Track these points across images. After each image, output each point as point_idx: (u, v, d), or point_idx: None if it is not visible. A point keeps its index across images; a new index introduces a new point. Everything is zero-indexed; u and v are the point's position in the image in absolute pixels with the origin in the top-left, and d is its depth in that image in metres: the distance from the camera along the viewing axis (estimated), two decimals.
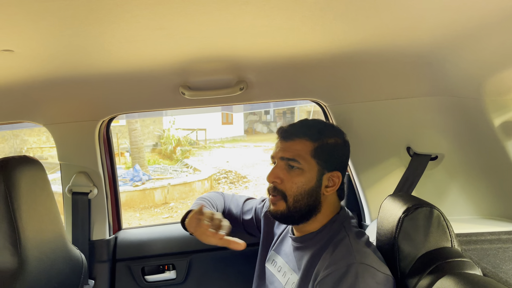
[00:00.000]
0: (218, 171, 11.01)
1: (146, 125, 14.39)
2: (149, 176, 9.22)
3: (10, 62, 1.06)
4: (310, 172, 1.11)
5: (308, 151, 1.11)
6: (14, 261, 1.05)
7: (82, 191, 1.54)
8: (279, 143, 1.16)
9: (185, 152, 13.08)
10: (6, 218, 1.04)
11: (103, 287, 1.58)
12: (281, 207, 1.12)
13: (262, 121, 22.23)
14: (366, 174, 1.50)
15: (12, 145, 11.22)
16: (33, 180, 1.17)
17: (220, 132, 17.74)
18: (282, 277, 1.17)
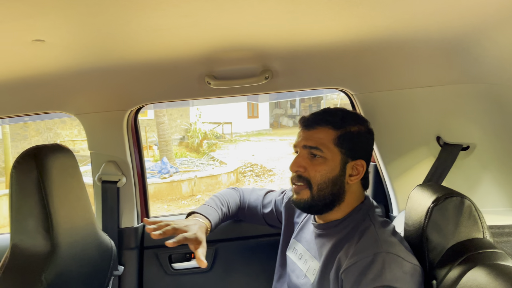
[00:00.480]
0: (244, 164, 11.07)
1: (173, 118, 14.60)
2: (176, 168, 9.37)
3: (42, 52, 1.09)
4: (334, 160, 1.10)
5: (330, 140, 1.10)
6: (46, 245, 1.08)
7: (111, 179, 1.58)
8: (301, 132, 1.16)
9: (211, 146, 13.20)
10: (39, 204, 1.08)
11: (132, 273, 1.62)
12: (305, 196, 1.11)
13: (287, 114, 22.15)
14: (394, 165, 1.47)
15: (46, 138, 11.62)
16: (65, 168, 1.20)
17: (246, 125, 17.80)
18: (303, 264, 1.18)
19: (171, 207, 7.69)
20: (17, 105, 1.50)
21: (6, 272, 1.03)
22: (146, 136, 12.32)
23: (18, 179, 1.08)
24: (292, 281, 1.21)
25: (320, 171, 1.09)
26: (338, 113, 1.14)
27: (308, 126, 1.14)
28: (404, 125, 1.45)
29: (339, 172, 1.10)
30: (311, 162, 1.11)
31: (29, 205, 1.08)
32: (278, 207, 1.45)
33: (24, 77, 1.31)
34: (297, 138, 1.17)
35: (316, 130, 1.12)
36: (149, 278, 1.66)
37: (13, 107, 1.50)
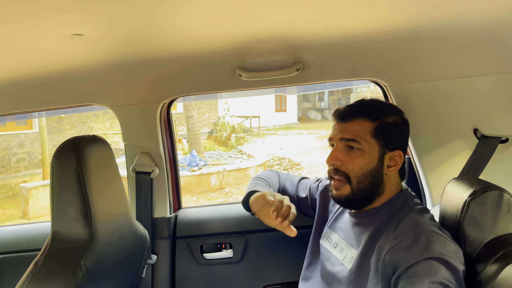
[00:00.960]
0: (272, 158, 11.07)
1: (202, 112, 14.75)
2: (205, 161, 9.47)
3: (80, 46, 1.12)
4: (371, 152, 1.09)
5: (367, 131, 1.10)
6: (85, 232, 1.12)
7: (144, 170, 1.62)
8: (336, 125, 1.15)
9: (239, 139, 13.27)
10: (78, 193, 1.12)
11: (164, 262, 1.66)
12: (345, 191, 1.11)
13: (316, 108, 21.95)
14: (429, 157, 1.44)
15: (80, 131, 11.98)
16: (101, 158, 1.24)
17: (274, 119, 17.77)
18: (339, 253, 1.17)
19: (200, 200, 7.80)
20: (56, 98, 1.56)
21: (48, 256, 1.08)
22: (175, 129, 12.49)
23: (59, 169, 1.13)
24: (327, 268, 1.20)
25: (358, 164, 1.09)
26: (373, 104, 1.13)
27: (344, 118, 1.13)
28: (439, 117, 1.41)
29: (377, 163, 1.10)
30: (348, 155, 1.10)
31: (69, 194, 1.12)
32: (313, 194, 1.45)
33: (63, 71, 1.36)
34: (332, 131, 1.16)
35: (353, 122, 1.11)
36: (181, 267, 1.69)
37: (52, 100, 1.56)
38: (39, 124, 10.16)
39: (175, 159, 1.73)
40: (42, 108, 1.59)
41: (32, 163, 11.03)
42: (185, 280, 1.69)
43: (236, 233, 1.68)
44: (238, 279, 1.68)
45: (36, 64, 1.27)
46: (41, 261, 1.07)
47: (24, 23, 0.90)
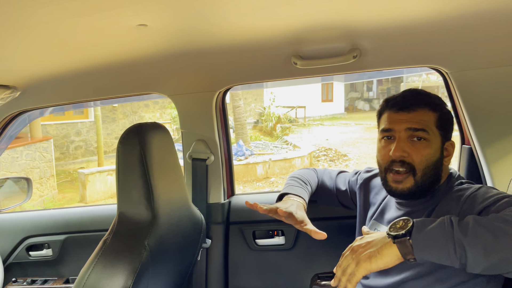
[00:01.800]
0: (318, 149, 10.97)
1: (247, 102, 14.86)
2: (251, 151, 9.57)
3: (144, 36, 1.17)
4: (436, 143, 1.08)
5: (433, 122, 1.09)
6: (148, 214, 1.18)
7: (200, 157, 1.67)
8: (397, 115, 1.11)
9: (284, 129, 13.26)
10: (142, 176, 1.18)
11: (218, 246, 1.71)
12: (408, 184, 1.08)
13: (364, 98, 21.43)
14: (493, 148, 1.37)
15: (132, 121, 12.48)
16: (162, 144, 1.29)
17: (320, 109, 17.57)
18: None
19: (246, 189, 7.90)
20: (118, 86, 1.63)
21: (115, 235, 1.15)
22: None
23: (124, 154, 1.19)
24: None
25: (425, 155, 1.07)
26: (432, 95, 1.13)
27: (407, 107, 1.10)
28: (504, 105, 1.34)
29: (439, 154, 1.09)
30: (414, 146, 1.07)
31: (133, 178, 1.18)
32: (353, 187, 1.44)
33: (126, 60, 1.42)
34: (390, 121, 1.12)
35: (418, 112, 1.08)
36: (234, 252, 1.74)
37: (115, 88, 1.64)
38: (95, 113, 10.69)
39: (229, 147, 1.77)
40: (105, 96, 1.68)
41: (88, 151, 11.65)
42: (238, 264, 1.74)
43: None
44: (290, 266, 1.70)
45: (101, 54, 1.34)
46: (109, 239, 1.14)
47: (96, 14, 0.95)
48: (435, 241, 0.86)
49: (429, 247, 0.87)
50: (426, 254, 0.87)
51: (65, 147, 11.27)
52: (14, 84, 1.58)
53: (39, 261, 1.92)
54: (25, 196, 2.21)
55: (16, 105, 1.73)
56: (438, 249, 0.86)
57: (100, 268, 1.08)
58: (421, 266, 1.04)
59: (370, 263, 0.91)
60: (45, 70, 1.47)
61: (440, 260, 0.87)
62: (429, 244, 0.87)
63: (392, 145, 1.09)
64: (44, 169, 8.19)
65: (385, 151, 1.11)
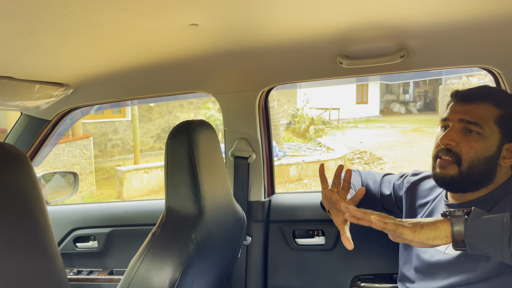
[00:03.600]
0: (352, 151, 10.82)
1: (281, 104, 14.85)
2: (284, 152, 9.56)
3: (194, 35, 1.20)
4: (491, 139, 1.05)
5: (492, 117, 1.05)
6: (195, 208, 1.21)
7: (242, 155, 1.69)
8: (456, 106, 1.10)
9: (318, 131, 13.17)
10: (190, 172, 1.21)
11: (258, 244, 1.73)
12: (451, 171, 1.07)
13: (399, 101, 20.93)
14: None
15: (167, 120, 12.74)
16: (208, 141, 1.32)
17: (354, 111, 17.31)
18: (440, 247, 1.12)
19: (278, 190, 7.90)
20: (165, 85, 1.68)
21: (163, 228, 1.18)
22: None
23: (173, 150, 1.22)
24: (425, 260, 1.16)
25: (476, 148, 1.04)
26: (502, 91, 1.11)
27: (467, 99, 1.09)
28: None
29: (495, 152, 1.06)
30: (465, 137, 1.06)
31: (182, 173, 1.21)
32: (397, 191, 1.40)
33: (174, 59, 1.46)
34: (449, 111, 1.12)
35: (477, 105, 1.07)
36: (274, 250, 1.75)
37: (162, 87, 1.69)
38: (132, 113, 11.00)
39: (271, 146, 1.78)
40: (152, 94, 1.73)
41: (125, 149, 11.99)
42: (277, 262, 1.75)
43: (329, 221, 1.68)
44: (330, 267, 1.69)
45: (152, 53, 1.39)
46: (158, 232, 1.18)
47: (153, 14, 0.99)
48: (490, 229, 0.84)
49: (482, 233, 0.85)
50: (477, 241, 0.85)
51: (103, 145, 11.65)
52: (67, 82, 1.66)
53: (85, 252, 2.00)
54: (72, 190, 2.31)
55: (68, 102, 1.81)
56: (491, 238, 0.84)
57: (149, 260, 1.12)
58: (472, 273, 1.01)
59: (420, 229, 0.88)
60: (97, 68, 1.53)
61: (490, 249, 0.84)
62: (483, 230, 0.85)
63: (443, 133, 1.09)
64: (84, 166, 8.50)
65: (438, 140, 1.11)
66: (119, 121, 11.97)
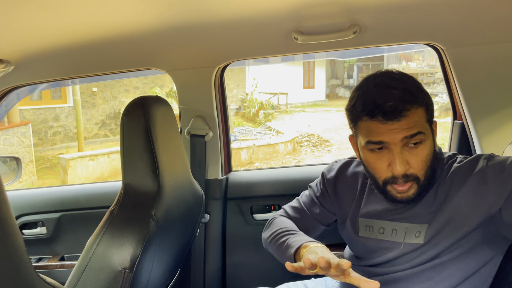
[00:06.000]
0: (301, 135, 11.07)
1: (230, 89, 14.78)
2: (235, 137, 9.59)
3: (146, 7, 1.16)
4: (430, 139, 0.99)
5: (424, 118, 0.97)
6: (154, 185, 1.19)
7: (199, 133, 1.68)
8: (384, 126, 0.94)
9: (267, 116, 13.31)
10: (148, 149, 1.18)
11: (216, 222, 1.74)
12: (412, 190, 0.99)
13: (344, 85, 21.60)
14: (484, 122, 1.43)
15: (112, 106, 12.27)
16: (165, 118, 1.30)
17: (301, 96, 17.64)
18: (394, 236, 1.07)
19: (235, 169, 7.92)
20: (116, 62, 1.62)
21: (122, 206, 1.16)
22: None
23: (129, 125, 1.19)
24: (382, 259, 1.09)
25: (425, 158, 0.97)
26: (414, 85, 0.98)
27: (398, 116, 0.92)
28: (497, 81, 1.39)
29: (433, 146, 1.01)
30: (411, 153, 0.96)
31: (139, 149, 1.18)
32: (324, 200, 1.25)
33: (125, 34, 1.40)
34: (378, 133, 0.95)
35: (409, 116, 0.93)
36: (232, 227, 1.77)
37: (112, 64, 1.62)
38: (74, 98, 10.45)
39: (227, 124, 1.78)
40: (102, 72, 1.66)
41: (67, 136, 11.43)
42: (235, 239, 1.77)
43: (286, 195, 1.73)
44: None
45: (101, 26, 1.32)
46: (116, 210, 1.15)
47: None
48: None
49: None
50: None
51: (43, 133, 11.02)
52: (7, 58, 1.54)
53: (33, 239, 1.90)
54: (14, 176, 2.17)
55: (9, 81, 1.69)
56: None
57: (108, 237, 1.09)
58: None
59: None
60: (41, 43, 1.44)
61: None
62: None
63: (387, 156, 0.97)
64: (23, 155, 8.01)
65: (381, 164, 0.98)
66: (60, 107, 11.35)
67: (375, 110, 0.94)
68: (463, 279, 1.01)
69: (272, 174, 1.81)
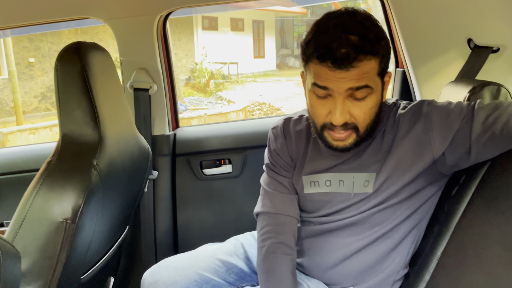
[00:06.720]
0: (252, 103, 11.07)
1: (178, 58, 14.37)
2: (185, 106, 9.42)
3: None
4: (378, 91, 0.95)
5: (376, 70, 0.93)
6: (94, 135, 1.13)
7: (142, 87, 1.61)
8: (332, 73, 0.89)
9: (218, 85, 13.14)
10: (85, 96, 1.11)
11: (165, 178, 1.70)
12: (351, 140, 0.98)
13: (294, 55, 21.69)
14: (423, 69, 1.48)
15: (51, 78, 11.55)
16: (104, 66, 1.22)
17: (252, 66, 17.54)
18: (342, 187, 1.06)
19: None
20: (49, 9, 1.49)
21: (60, 156, 1.09)
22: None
23: (63, 71, 1.11)
24: (332, 210, 1.09)
25: (369, 111, 0.95)
26: (372, 31, 0.91)
27: (347, 64, 0.88)
28: (436, 28, 1.44)
29: (381, 98, 0.98)
30: (354, 104, 0.93)
31: (76, 97, 1.11)
32: (281, 163, 1.19)
33: None
34: (325, 78, 0.91)
35: (360, 67, 0.89)
36: (181, 183, 1.74)
37: (45, 12, 1.50)
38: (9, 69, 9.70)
39: (172, 77, 1.72)
40: (35, 21, 1.52)
41: (3, 111, 10.67)
42: (186, 195, 1.75)
43: (235, 149, 1.73)
44: (238, 193, 1.75)
45: None
46: (54, 160, 1.08)
47: None
48: None
49: None
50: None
51: None
52: None
53: None
54: None
55: None
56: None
57: (47, 188, 1.03)
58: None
59: None
60: None
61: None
62: None
63: (329, 104, 0.94)
64: None
65: (322, 110, 0.96)
66: None
67: (326, 55, 0.88)
68: (407, 217, 1.05)
69: (221, 128, 1.79)
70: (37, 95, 11.35)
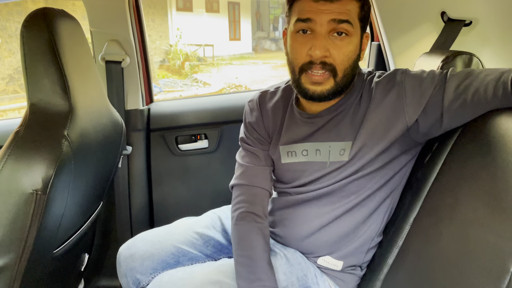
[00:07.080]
0: (228, 86, 10.99)
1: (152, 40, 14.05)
2: (160, 88, 9.26)
3: None
4: (356, 38, 0.96)
5: (356, 12, 0.95)
6: (65, 104, 1.09)
7: (115, 59, 1.56)
8: (316, 4, 0.92)
9: (193, 67, 12.95)
10: (54, 63, 1.07)
11: (140, 154, 1.67)
12: (328, 85, 0.97)
13: (270, 38, 21.57)
14: (398, 41, 1.49)
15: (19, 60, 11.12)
16: (73, 34, 1.17)
17: (228, 48, 17.35)
18: (318, 156, 1.07)
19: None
20: None
21: (28, 127, 1.05)
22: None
23: (29, 38, 1.06)
24: (308, 179, 1.09)
25: (348, 53, 0.95)
26: None
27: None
28: (411, 1, 1.45)
29: (359, 51, 0.99)
30: (335, 43, 0.94)
31: (44, 64, 1.07)
32: (256, 135, 1.20)
33: None
34: (309, 10, 0.93)
35: (341, 2, 0.92)
36: (156, 159, 1.72)
37: None
38: None
39: (145, 49, 1.68)
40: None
41: None
42: (161, 170, 1.73)
43: (211, 124, 1.71)
44: (214, 168, 1.74)
45: None
46: (22, 131, 1.04)
47: None
48: None
49: None
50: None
51: None
52: None
53: None
54: None
55: None
56: None
57: (14, 160, 0.99)
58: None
59: None
60: None
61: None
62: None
63: (310, 41, 0.94)
64: None
65: (302, 49, 0.95)
66: None
67: None
68: (382, 185, 1.07)
69: (196, 103, 1.76)
70: (4, 77, 10.90)
